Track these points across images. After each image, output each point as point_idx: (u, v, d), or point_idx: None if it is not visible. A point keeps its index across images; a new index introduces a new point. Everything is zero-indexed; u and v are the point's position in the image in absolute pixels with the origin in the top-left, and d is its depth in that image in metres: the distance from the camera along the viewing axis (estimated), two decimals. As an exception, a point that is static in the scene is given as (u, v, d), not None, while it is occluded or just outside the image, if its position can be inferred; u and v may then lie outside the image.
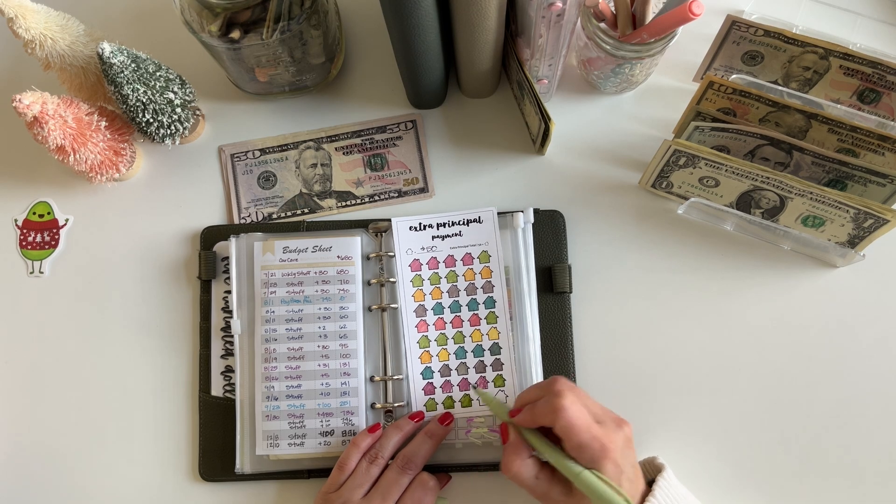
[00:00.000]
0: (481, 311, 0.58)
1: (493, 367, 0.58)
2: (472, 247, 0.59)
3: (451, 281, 0.58)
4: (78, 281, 0.64)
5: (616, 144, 0.65)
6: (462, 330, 0.58)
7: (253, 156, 0.66)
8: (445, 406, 0.57)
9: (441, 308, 0.58)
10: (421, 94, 0.64)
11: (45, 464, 0.60)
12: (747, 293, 0.61)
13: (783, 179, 0.54)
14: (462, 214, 0.60)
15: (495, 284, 0.58)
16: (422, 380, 0.58)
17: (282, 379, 0.58)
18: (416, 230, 0.60)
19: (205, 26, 0.57)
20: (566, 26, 0.54)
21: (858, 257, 0.58)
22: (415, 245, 0.59)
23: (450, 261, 0.59)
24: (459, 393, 0.58)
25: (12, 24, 0.53)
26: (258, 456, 0.58)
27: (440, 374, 0.58)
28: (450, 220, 0.60)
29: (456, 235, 0.59)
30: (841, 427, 0.58)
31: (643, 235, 0.62)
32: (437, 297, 0.58)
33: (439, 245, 0.59)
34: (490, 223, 0.59)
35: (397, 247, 0.59)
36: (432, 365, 0.58)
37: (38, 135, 0.55)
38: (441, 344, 0.58)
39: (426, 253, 0.59)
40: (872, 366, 0.59)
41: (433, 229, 0.60)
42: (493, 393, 0.57)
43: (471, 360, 0.58)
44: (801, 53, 0.58)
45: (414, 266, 0.59)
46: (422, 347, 0.58)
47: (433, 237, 0.59)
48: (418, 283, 0.58)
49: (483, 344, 0.58)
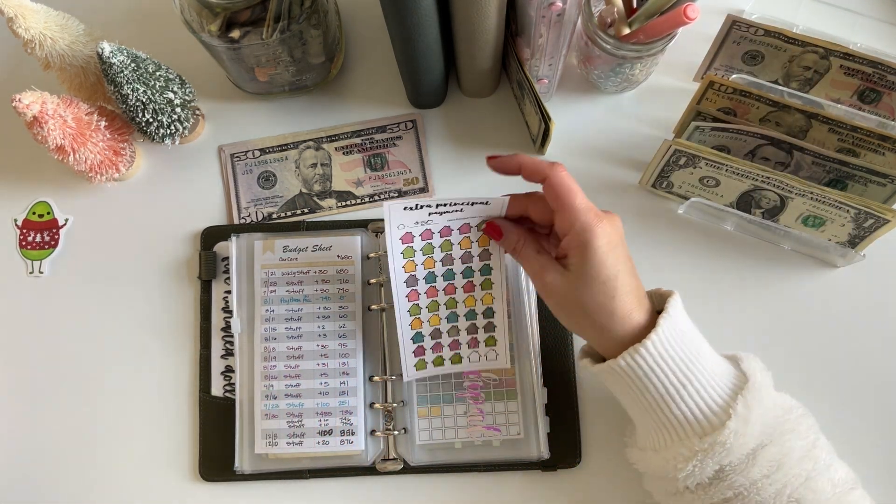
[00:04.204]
0: (476, 279, 0.55)
1: (486, 329, 0.57)
2: (472, 218, 0.53)
3: (446, 250, 0.54)
4: (78, 281, 0.64)
5: (616, 144, 0.64)
6: (455, 296, 0.56)
7: (253, 156, 0.66)
8: (435, 364, 0.57)
9: (434, 277, 0.55)
10: (421, 93, 0.64)
11: (45, 464, 0.60)
12: (747, 293, 0.61)
13: (783, 179, 0.54)
14: (468, 199, 0.51)
15: (493, 252, 0.55)
16: (412, 344, 0.56)
17: (281, 378, 0.58)
18: (412, 210, 0.52)
19: (205, 26, 0.57)
20: (566, 26, 0.54)
21: (859, 257, 0.58)
22: (408, 220, 0.52)
23: (445, 231, 0.53)
24: (450, 352, 0.57)
25: (12, 23, 0.53)
26: (257, 455, 0.57)
27: (430, 337, 0.56)
28: (451, 202, 0.51)
29: (456, 212, 0.52)
30: (841, 427, 0.57)
31: (643, 235, 0.62)
32: (429, 267, 0.55)
33: (436, 219, 0.53)
34: (498, 210, 0.53)
35: (388, 226, 0.52)
36: (423, 330, 0.56)
37: (37, 134, 0.55)
38: (432, 310, 0.56)
39: (419, 226, 0.53)
40: (872, 366, 0.59)
41: (431, 208, 0.52)
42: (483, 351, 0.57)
43: (462, 322, 0.56)
44: (802, 53, 0.58)
45: (405, 239, 0.53)
46: (412, 315, 0.56)
47: (430, 213, 0.52)
48: (409, 254, 0.54)
49: (476, 308, 0.56)
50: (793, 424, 0.46)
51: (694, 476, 0.45)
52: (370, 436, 0.58)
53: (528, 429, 0.57)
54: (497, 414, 0.57)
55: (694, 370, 0.46)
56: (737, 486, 0.45)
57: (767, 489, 0.44)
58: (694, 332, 0.48)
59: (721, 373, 0.47)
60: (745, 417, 0.44)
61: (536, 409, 0.57)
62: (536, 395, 0.57)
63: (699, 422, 0.45)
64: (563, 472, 0.57)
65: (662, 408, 0.46)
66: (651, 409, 0.47)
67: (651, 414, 0.47)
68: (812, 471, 0.45)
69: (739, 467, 0.44)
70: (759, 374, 0.47)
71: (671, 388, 0.46)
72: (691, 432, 0.45)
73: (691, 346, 0.47)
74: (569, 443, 0.57)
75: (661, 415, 0.46)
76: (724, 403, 0.45)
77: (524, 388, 0.57)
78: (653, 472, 0.48)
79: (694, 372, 0.46)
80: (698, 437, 0.45)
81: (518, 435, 0.57)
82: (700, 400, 0.46)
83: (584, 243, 0.46)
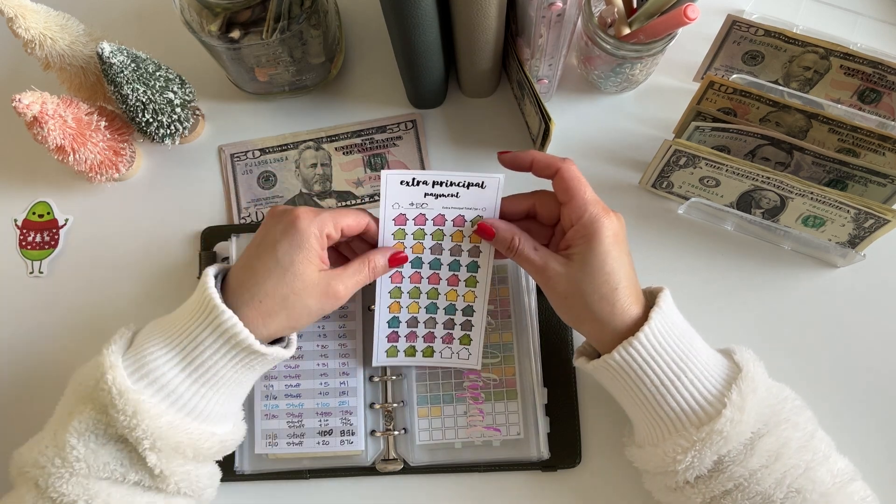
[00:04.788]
0: (462, 274, 0.55)
1: (462, 327, 0.57)
2: (468, 210, 0.53)
3: (437, 239, 0.54)
4: (78, 281, 0.64)
5: (616, 144, 0.64)
6: (438, 287, 0.56)
7: (253, 156, 0.66)
8: (406, 354, 0.57)
9: (420, 262, 0.55)
10: (421, 93, 0.64)
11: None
12: (747, 293, 0.61)
13: (784, 179, 0.54)
14: (464, 176, 0.52)
15: (483, 250, 0.55)
16: (387, 328, 0.57)
17: (280, 378, 0.58)
18: (409, 185, 0.52)
19: (205, 26, 0.57)
20: (566, 26, 0.54)
21: (859, 257, 0.58)
22: (403, 200, 0.53)
23: (439, 220, 0.53)
24: (423, 344, 0.57)
25: (12, 23, 0.54)
26: (257, 455, 0.57)
27: (406, 325, 0.57)
28: (448, 180, 0.52)
29: (452, 196, 0.53)
30: (841, 428, 0.57)
31: (643, 235, 0.62)
32: (417, 252, 0.55)
33: (431, 203, 0.53)
34: (494, 190, 0.52)
35: (383, 199, 0.52)
36: (400, 315, 0.56)
37: (37, 135, 0.55)
38: (413, 297, 0.56)
39: (415, 209, 0.53)
40: (872, 366, 0.59)
41: (427, 186, 0.52)
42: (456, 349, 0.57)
43: (441, 316, 0.56)
44: (802, 53, 0.58)
45: (399, 220, 0.53)
46: (393, 297, 0.56)
47: (426, 194, 0.53)
48: (400, 236, 0.54)
49: (457, 304, 0.56)
50: (788, 414, 0.47)
51: (693, 468, 0.45)
52: (370, 436, 0.58)
53: (528, 429, 0.57)
54: (497, 414, 0.57)
55: (688, 362, 0.47)
56: (736, 476, 0.45)
57: (767, 479, 0.44)
58: (686, 326, 0.49)
59: (714, 364, 0.48)
60: (739, 406, 0.45)
61: (536, 410, 0.57)
62: (536, 395, 0.57)
63: (695, 412, 0.46)
64: (563, 472, 0.57)
65: (658, 400, 0.47)
66: (647, 402, 0.47)
67: (647, 408, 0.47)
68: (811, 461, 0.45)
69: (738, 458, 0.45)
70: (752, 364, 0.48)
71: (666, 380, 0.46)
72: (688, 423, 0.46)
73: (684, 338, 0.48)
74: (569, 443, 0.57)
75: (657, 408, 0.47)
76: (719, 393, 0.46)
77: (524, 388, 0.57)
78: (653, 467, 0.48)
79: (688, 363, 0.47)
80: (695, 428, 0.45)
81: (518, 435, 0.57)
82: (695, 391, 0.46)
83: (591, 233, 0.47)
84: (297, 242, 0.47)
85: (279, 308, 0.47)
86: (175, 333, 0.47)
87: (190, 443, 0.46)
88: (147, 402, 0.45)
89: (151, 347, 0.47)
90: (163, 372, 0.46)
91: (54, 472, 0.45)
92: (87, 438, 0.45)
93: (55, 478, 0.45)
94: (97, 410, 0.46)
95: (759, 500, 0.45)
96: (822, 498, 0.44)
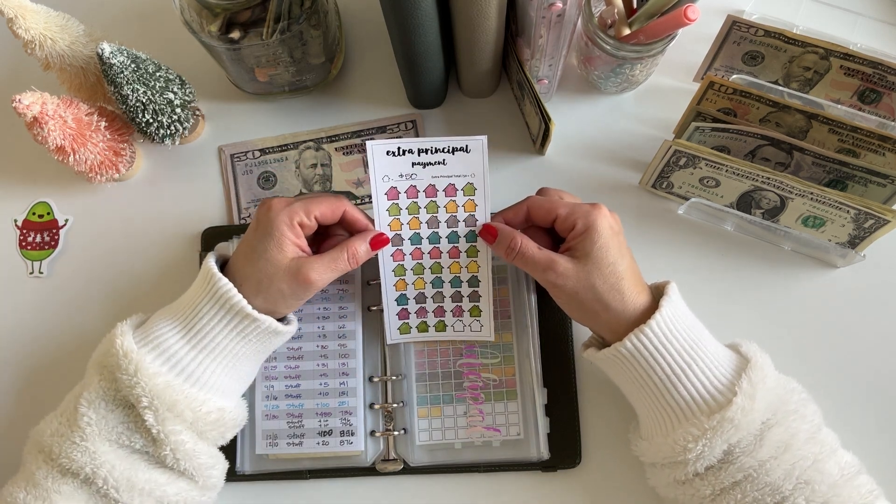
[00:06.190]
0: (462, 245, 0.56)
1: (471, 299, 0.57)
2: (457, 178, 0.54)
3: (431, 212, 0.55)
4: (77, 281, 0.64)
5: (616, 144, 0.64)
6: (440, 261, 0.56)
7: (253, 156, 0.66)
8: (419, 330, 0.57)
9: (419, 238, 0.56)
10: (421, 94, 0.64)
11: (45, 464, 0.60)
12: (747, 293, 0.61)
13: (783, 180, 0.54)
14: (447, 141, 0.53)
15: (479, 219, 0.55)
16: (396, 306, 0.57)
17: (281, 378, 0.58)
18: (395, 155, 0.53)
19: (205, 26, 0.57)
20: (566, 26, 0.54)
21: (859, 258, 0.58)
22: (392, 172, 0.54)
23: (430, 191, 0.54)
24: (434, 319, 0.57)
25: (12, 24, 0.54)
26: (258, 455, 0.57)
27: (415, 301, 0.57)
28: (433, 147, 0.53)
29: (439, 164, 0.54)
30: (841, 427, 0.57)
31: (643, 235, 0.62)
32: (415, 228, 0.55)
33: (420, 173, 0.54)
34: (479, 154, 0.53)
35: (372, 173, 0.53)
36: (407, 292, 0.57)
37: (37, 135, 0.55)
38: (418, 273, 0.56)
39: (404, 181, 0.54)
40: (872, 366, 0.59)
41: (413, 155, 0.53)
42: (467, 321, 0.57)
43: (447, 289, 0.57)
44: (802, 53, 0.58)
45: (391, 194, 0.54)
46: (397, 275, 0.56)
47: (413, 164, 0.54)
48: (395, 212, 0.55)
49: (461, 276, 0.57)
50: (796, 405, 0.47)
51: (704, 457, 0.46)
52: (370, 436, 0.58)
53: (528, 429, 0.57)
54: (497, 414, 0.57)
55: (698, 350, 0.47)
56: (746, 467, 0.45)
57: (776, 470, 0.45)
58: (694, 317, 0.50)
59: (723, 354, 0.49)
60: (750, 394, 0.45)
61: (536, 410, 0.57)
62: (536, 395, 0.57)
63: (706, 401, 0.46)
64: (563, 472, 0.57)
65: (669, 389, 0.47)
66: (658, 391, 0.48)
67: (657, 397, 0.48)
68: (819, 454, 0.46)
69: (748, 448, 0.45)
70: (759, 356, 0.49)
71: (677, 368, 0.47)
72: (698, 412, 0.46)
73: (693, 328, 0.49)
74: (569, 443, 0.57)
75: (667, 396, 0.47)
76: (729, 382, 0.47)
77: (524, 389, 0.57)
78: (661, 458, 0.48)
79: (698, 352, 0.47)
80: (706, 416, 0.46)
81: (518, 435, 0.57)
82: (705, 379, 0.47)
83: (588, 228, 0.49)
84: (268, 231, 0.50)
85: (255, 290, 0.50)
86: (179, 308, 0.51)
87: (186, 403, 0.48)
88: (147, 363, 0.48)
89: (158, 321, 0.51)
90: (165, 338, 0.49)
91: (68, 437, 0.48)
92: (98, 405, 0.48)
93: (68, 444, 0.47)
94: (107, 379, 0.48)
95: (768, 491, 0.45)
96: (830, 489, 0.45)
